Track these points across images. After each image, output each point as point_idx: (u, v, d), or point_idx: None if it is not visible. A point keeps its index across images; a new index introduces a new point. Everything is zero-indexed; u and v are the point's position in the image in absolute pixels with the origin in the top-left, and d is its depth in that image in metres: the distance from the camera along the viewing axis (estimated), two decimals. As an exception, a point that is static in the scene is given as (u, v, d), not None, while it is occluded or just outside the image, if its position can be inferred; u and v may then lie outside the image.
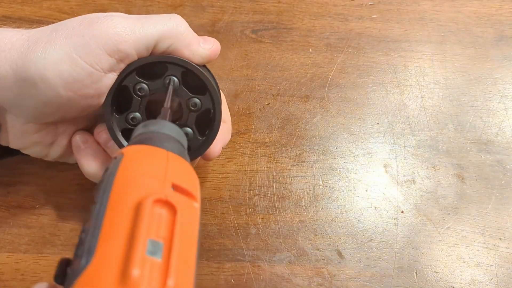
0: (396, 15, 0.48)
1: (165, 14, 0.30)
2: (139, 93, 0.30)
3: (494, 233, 0.37)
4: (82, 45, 0.27)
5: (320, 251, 0.36)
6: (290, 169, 0.39)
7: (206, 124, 0.32)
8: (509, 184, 0.39)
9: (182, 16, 0.30)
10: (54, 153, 0.33)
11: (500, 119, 0.42)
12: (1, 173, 0.37)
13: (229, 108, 0.36)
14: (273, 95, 0.43)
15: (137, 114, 0.31)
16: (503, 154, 0.40)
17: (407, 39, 0.46)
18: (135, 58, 0.29)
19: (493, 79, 0.44)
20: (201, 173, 0.39)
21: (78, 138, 0.32)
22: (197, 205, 0.22)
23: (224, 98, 0.35)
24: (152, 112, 0.32)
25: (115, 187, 0.21)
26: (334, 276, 0.35)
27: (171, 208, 0.20)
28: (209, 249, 0.36)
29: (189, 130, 0.31)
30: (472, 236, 0.37)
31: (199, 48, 0.31)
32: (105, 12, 0.46)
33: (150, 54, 0.30)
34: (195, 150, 0.32)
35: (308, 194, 0.38)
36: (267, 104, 0.42)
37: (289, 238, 0.36)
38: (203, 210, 0.37)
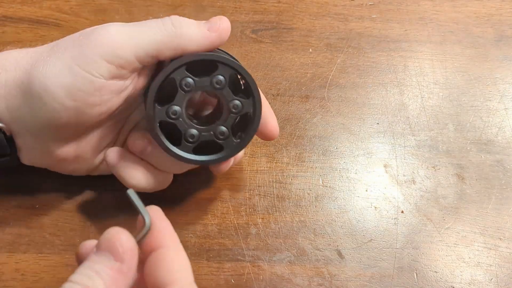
0: (396, 15, 0.48)
1: (163, 18, 0.30)
2: (185, 87, 0.30)
3: (494, 233, 0.37)
4: (80, 55, 0.28)
5: (320, 251, 0.36)
6: (290, 169, 0.39)
7: (242, 127, 0.32)
8: (509, 184, 0.39)
9: (182, 16, 0.31)
10: (82, 168, 0.34)
11: (500, 119, 0.42)
12: (1, 173, 0.37)
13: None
14: (273, 95, 0.43)
15: (178, 108, 0.31)
16: (503, 154, 0.40)
17: (407, 39, 0.46)
18: (136, 64, 0.29)
19: (493, 79, 0.44)
20: (201, 173, 0.39)
21: (110, 156, 0.32)
22: None
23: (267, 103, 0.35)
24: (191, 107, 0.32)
25: None
26: (334, 276, 0.35)
27: None
28: (209, 249, 0.36)
29: (225, 129, 0.32)
30: (472, 236, 0.37)
31: (204, 38, 0.30)
32: (105, 12, 0.46)
33: (157, 59, 0.30)
34: (228, 150, 0.32)
35: (308, 194, 0.38)
36: (267, 104, 0.42)
37: (289, 238, 0.36)
38: (203, 210, 0.37)
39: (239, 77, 0.32)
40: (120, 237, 0.21)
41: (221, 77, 0.30)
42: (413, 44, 0.46)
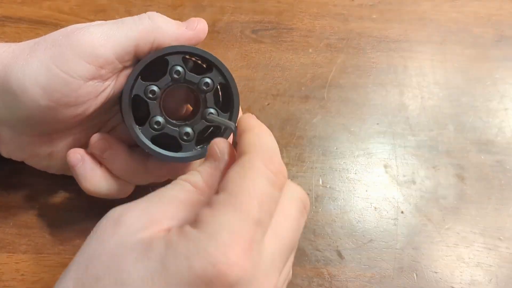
0: (396, 15, 0.48)
1: (140, 14, 0.30)
2: (174, 75, 0.30)
3: (494, 233, 0.37)
4: (59, 55, 0.28)
5: (320, 251, 0.36)
6: (290, 169, 0.39)
7: (209, 139, 0.31)
8: (509, 184, 0.39)
9: (182, 16, 0.31)
10: (55, 165, 0.33)
11: (500, 119, 0.42)
12: (1, 173, 0.37)
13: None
14: (273, 95, 0.43)
15: (159, 90, 0.30)
16: (503, 154, 0.40)
17: (407, 39, 0.46)
18: (116, 63, 0.29)
19: (493, 79, 0.44)
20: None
21: (70, 156, 0.31)
22: None
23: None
24: (167, 108, 0.32)
25: None
26: (334, 276, 0.35)
27: None
28: (209, 249, 0.36)
29: (191, 132, 0.31)
30: (472, 236, 0.37)
31: (181, 34, 0.30)
32: (104, 12, 0.46)
33: (135, 56, 0.30)
34: (184, 154, 0.31)
35: (308, 194, 0.38)
36: (267, 105, 0.42)
37: (289, 238, 0.36)
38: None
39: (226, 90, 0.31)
40: (217, 141, 0.26)
41: (210, 81, 0.30)
42: (413, 44, 0.46)
